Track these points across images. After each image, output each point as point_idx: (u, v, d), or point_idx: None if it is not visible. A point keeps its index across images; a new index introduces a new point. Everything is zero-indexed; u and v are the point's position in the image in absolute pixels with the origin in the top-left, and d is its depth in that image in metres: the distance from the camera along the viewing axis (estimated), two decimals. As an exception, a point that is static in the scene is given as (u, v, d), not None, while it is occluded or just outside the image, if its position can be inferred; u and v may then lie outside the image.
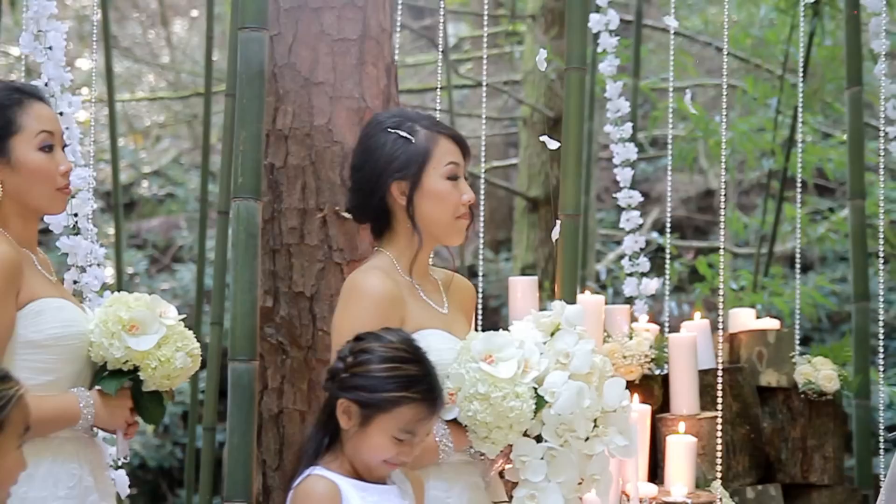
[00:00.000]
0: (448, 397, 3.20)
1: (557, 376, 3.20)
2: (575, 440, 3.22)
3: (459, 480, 3.28)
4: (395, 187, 3.35)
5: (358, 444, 2.98)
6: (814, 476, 4.98)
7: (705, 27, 10.35)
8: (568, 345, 3.25)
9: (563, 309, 3.32)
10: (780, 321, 5.70)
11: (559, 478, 3.22)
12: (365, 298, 3.22)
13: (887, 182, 8.55)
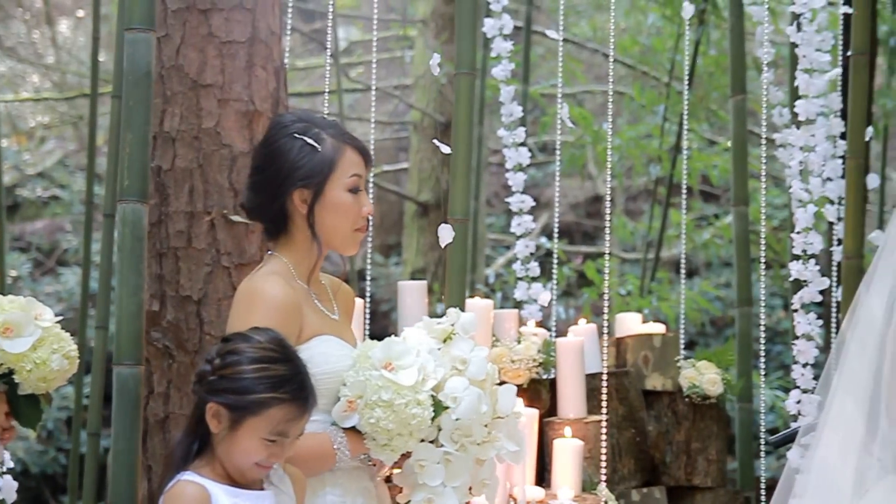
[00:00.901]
0: (347, 405, 3.19)
1: (458, 382, 3.22)
2: (470, 445, 3.24)
3: (353, 486, 3.27)
4: (297, 195, 3.32)
5: (229, 448, 2.94)
6: (697, 478, 5.06)
7: (594, 34, 10.45)
8: (464, 351, 3.27)
9: (457, 316, 3.33)
10: (666, 326, 5.77)
11: (455, 482, 3.23)
12: (265, 305, 3.19)
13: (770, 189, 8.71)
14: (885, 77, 7.95)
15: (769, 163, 5.49)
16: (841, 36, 5.26)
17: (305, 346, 3.23)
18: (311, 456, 3.19)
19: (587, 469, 4.63)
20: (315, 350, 3.23)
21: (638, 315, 5.55)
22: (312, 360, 3.21)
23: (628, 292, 9.02)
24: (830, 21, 5.32)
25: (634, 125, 9.41)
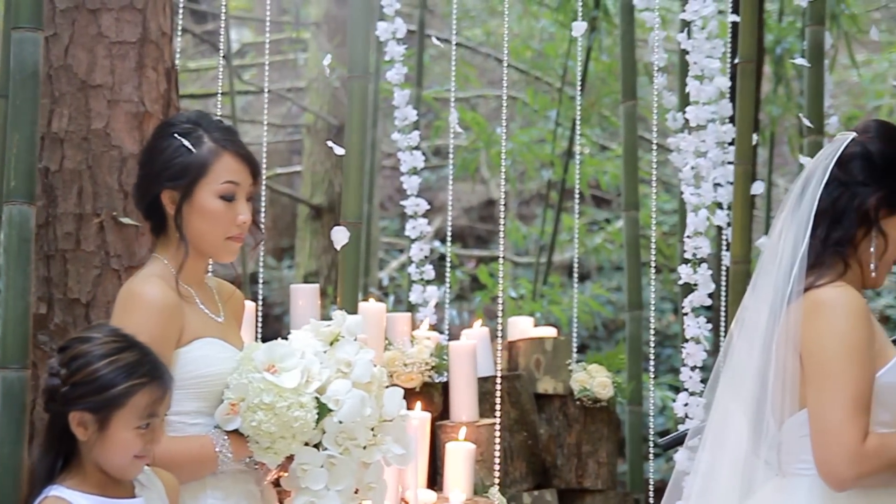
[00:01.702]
0: (230, 408, 3.17)
1: (341, 384, 3.21)
2: (355, 448, 3.23)
3: (236, 489, 3.25)
4: (165, 195, 3.31)
5: (103, 450, 2.90)
6: (588, 481, 5.10)
7: (487, 39, 10.49)
8: (349, 354, 3.26)
9: (343, 319, 3.32)
10: (558, 329, 5.81)
11: (338, 486, 3.22)
12: (145, 307, 3.17)
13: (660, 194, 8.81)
14: (772, 85, 8.10)
15: (660, 168, 5.55)
16: (730, 44, 5.34)
17: (187, 349, 3.21)
18: (192, 459, 3.16)
19: (479, 472, 4.64)
20: (197, 353, 3.21)
21: (530, 319, 5.58)
22: (194, 362, 3.19)
23: (521, 296, 9.07)
24: (720, 29, 5.39)
25: (527, 130, 9.48)
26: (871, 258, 3.12)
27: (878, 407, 3.00)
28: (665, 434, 6.48)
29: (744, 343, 3.18)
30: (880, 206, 3.11)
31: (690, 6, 5.11)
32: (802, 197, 3.17)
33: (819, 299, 3.04)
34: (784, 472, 3.13)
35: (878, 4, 10.00)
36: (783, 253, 3.15)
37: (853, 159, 3.15)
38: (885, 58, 10.27)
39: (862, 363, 2.98)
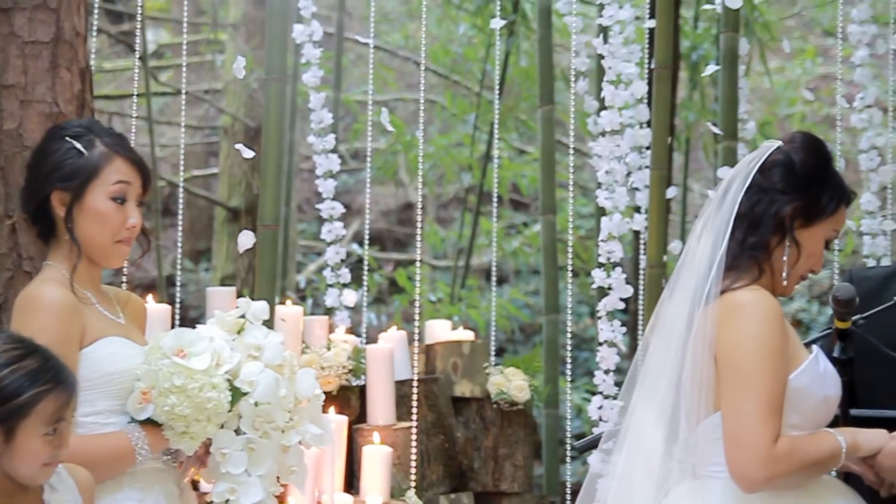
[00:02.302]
0: (141, 396, 3.15)
1: (253, 366, 3.23)
2: (273, 431, 3.23)
3: (154, 488, 3.23)
4: (55, 196, 3.29)
5: (11, 460, 2.85)
6: (504, 484, 5.11)
7: (406, 42, 10.50)
8: (257, 338, 3.27)
9: (248, 305, 3.32)
10: (476, 333, 5.82)
11: (259, 470, 3.22)
12: (45, 309, 3.14)
13: (578, 198, 8.86)
14: (688, 90, 8.18)
15: (577, 172, 5.58)
16: (647, 49, 5.39)
17: (92, 348, 3.19)
18: (109, 456, 3.14)
19: (396, 475, 4.64)
20: (104, 350, 3.20)
21: (448, 322, 5.59)
22: (102, 360, 3.17)
23: (439, 299, 9.07)
24: (637, 35, 5.44)
25: (446, 133, 9.49)
26: (784, 266, 3.16)
27: (789, 410, 3.04)
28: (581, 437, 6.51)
29: (660, 345, 3.20)
30: (796, 216, 3.16)
31: (608, 11, 5.15)
32: (724, 200, 3.21)
33: (734, 302, 3.08)
34: (697, 475, 3.16)
35: (791, 12, 10.15)
36: (702, 255, 3.18)
37: (775, 167, 3.19)
38: (797, 65, 10.41)
39: (775, 366, 3.01)
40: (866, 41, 5.51)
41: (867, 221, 5.44)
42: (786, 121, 9.99)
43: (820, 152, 3.23)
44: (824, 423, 3.14)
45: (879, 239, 5.42)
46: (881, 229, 5.43)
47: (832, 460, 3.07)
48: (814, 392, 3.09)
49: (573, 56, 5.35)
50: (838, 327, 3.43)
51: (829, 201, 3.18)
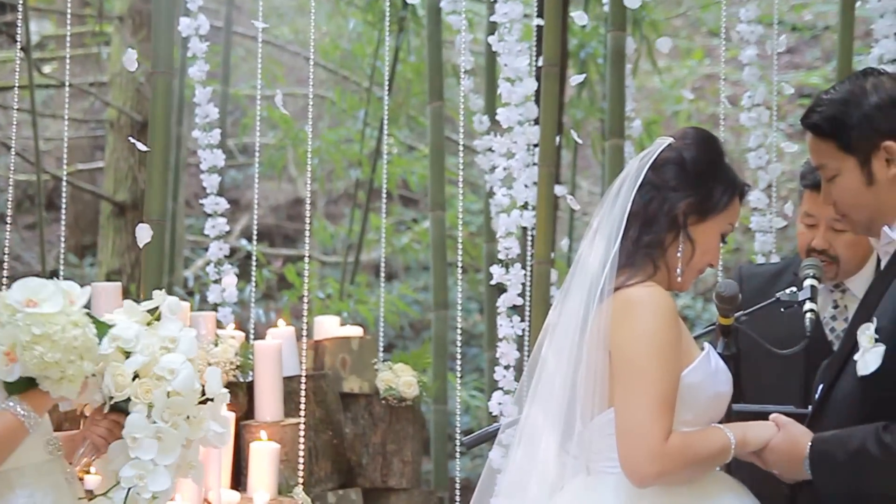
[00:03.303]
0: (6, 358, 3.11)
1: (174, 357, 3.26)
2: (183, 422, 3.23)
3: (42, 482, 3.22)
4: None
5: None
6: (393, 480, 5.11)
7: (295, 37, 10.45)
8: (172, 331, 3.28)
9: (163, 298, 3.32)
10: (365, 329, 5.82)
11: (167, 460, 3.22)
12: None
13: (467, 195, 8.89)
14: (576, 88, 8.24)
15: (466, 169, 5.60)
16: (535, 47, 5.41)
17: None
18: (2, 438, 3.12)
19: (284, 472, 4.62)
20: None
21: (336, 318, 5.58)
22: None
23: (328, 295, 9.05)
24: (525, 32, 5.47)
25: (335, 129, 9.46)
26: (678, 263, 3.18)
27: (681, 406, 3.07)
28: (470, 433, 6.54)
29: (555, 341, 3.21)
30: (690, 213, 3.18)
31: (500, 9, 5.17)
32: (616, 199, 3.22)
33: (629, 298, 3.10)
34: (591, 470, 3.18)
35: (677, 12, 10.28)
36: (596, 253, 3.20)
37: (667, 164, 3.20)
38: (684, 65, 10.55)
39: (668, 363, 3.04)
40: (753, 41, 5.60)
41: (756, 218, 5.53)
42: (672, 119, 10.11)
43: (711, 147, 3.25)
44: (716, 419, 3.18)
45: (768, 236, 5.51)
46: (769, 226, 5.52)
47: (722, 455, 3.11)
48: (706, 388, 3.12)
49: (462, 53, 5.36)
50: (721, 323, 3.48)
51: (721, 196, 3.20)
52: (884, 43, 4.97)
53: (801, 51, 10.89)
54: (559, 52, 5.25)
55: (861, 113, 3.11)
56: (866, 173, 3.13)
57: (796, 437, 3.10)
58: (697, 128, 3.36)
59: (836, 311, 3.92)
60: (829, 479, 3.03)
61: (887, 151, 3.10)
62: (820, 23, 10.65)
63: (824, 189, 3.23)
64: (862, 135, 3.11)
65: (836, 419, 3.08)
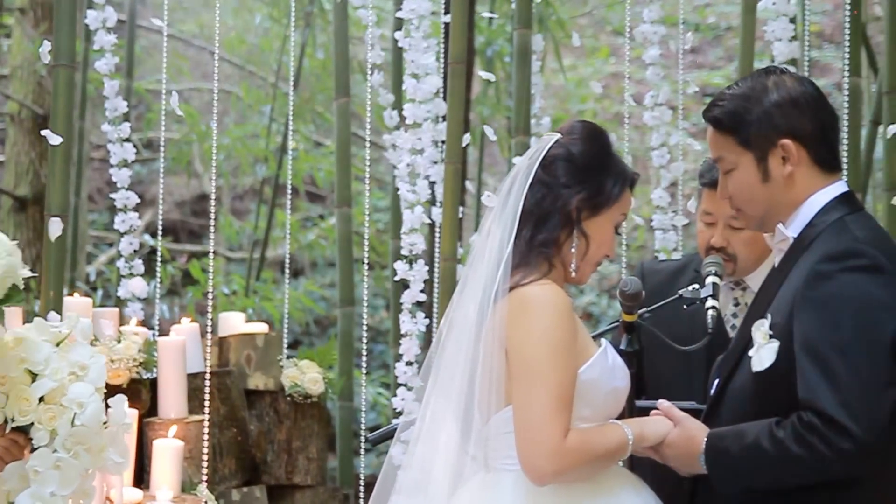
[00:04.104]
0: None
1: (83, 388, 3.14)
2: (84, 453, 3.16)
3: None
4: None
5: None
6: (298, 477, 5.10)
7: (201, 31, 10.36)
8: (83, 357, 3.19)
9: (76, 320, 3.24)
10: (271, 325, 5.79)
11: (66, 490, 3.15)
12: None
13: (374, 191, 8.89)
14: (483, 86, 8.27)
15: (373, 165, 5.59)
16: (442, 44, 5.42)
17: None
18: None
19: (187, 469, 4.59)
20: None
21: (242, 314, 5.55)
22: None
23: (233, 292, 8.99)
24: (433, 29, 5.47)
25: (241, 125, 9.40)
26: (573, 259, 3.20)
27: (579, 403, 3.09)
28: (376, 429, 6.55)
29: (453, 339, 3.22)
30: (582, 208, 3.19)
31: (406, 4, 5.17)
32: (508, 197, 3.23)
33: (524, 297, 3.11)
34: (491, 468, 3.20)
35: (583, 11, 10.35)
36: (490, 252, 3.20)
37: (556, 161, 3.21)
38: (589, 63, 10.63)
39: (564, 360, 3.06)
40: (656, 41, 5.65)
41: (658, 216, 5.58)
42: (577, 117, 10.18)
43: (598, 140, 3.26)
44: (614, 415, 3.21)
45: (670, 234, 5.56)
46: (672, 224, 5.57)
47: (620, 451, 3.14)
48: (603, 385, 3.15)
49: (369, 49, 5.35)
50: (625, 320, 3.51)
51: (613, 187, 3.21)
52: (777, 45, 5.05)
53: (705, 51, 11.02)
54: (466, 49, 5.27)
55: (761, 110, 3.16)
56: (762, 170, 3.17)
57: (692, 433, 3.14)
58: (584, 121, 3.36)
59: (737, 309, 3.97)
60: (723, 473, 3.07)
61: (784, 150, 3.15)
62: (723, 23, 10.80)
63: (721, 182, 3.27)
64: (760, 131, 3.16)
65: (732, 414, 3.12)
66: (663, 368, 3.84)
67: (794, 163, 3.15)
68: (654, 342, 3.55)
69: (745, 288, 3.97)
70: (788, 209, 3.19)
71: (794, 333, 3.00)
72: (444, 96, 5.21)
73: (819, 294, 2.99)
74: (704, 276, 3.70)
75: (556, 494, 3.08)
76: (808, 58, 5.15)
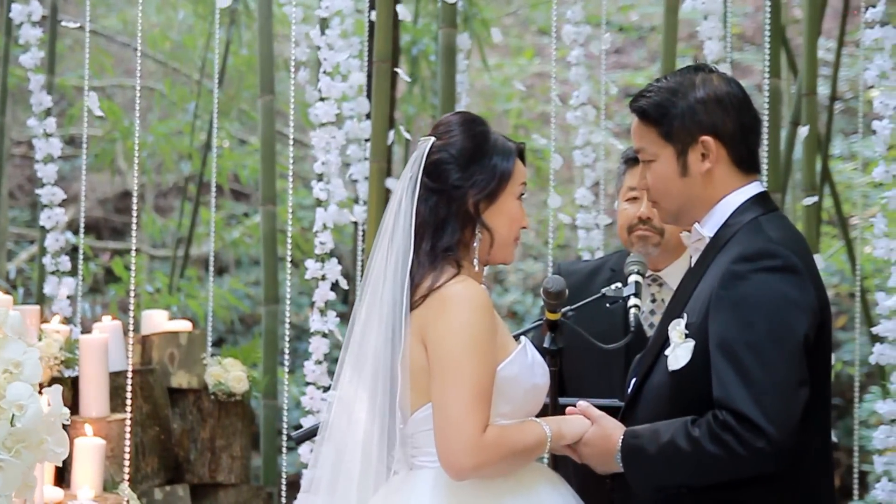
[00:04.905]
0: None
1: (21, 388, 3.08)
2: (25, 450, 3.12)
3: None
4: None
5: None
6: (221, 475, 5.08)
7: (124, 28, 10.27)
8: (16, 353, 3.14)
9: (6, 314, 3.19)
10: (195, 323, 5.77)
11: (9, 489, 3.11)
12: None
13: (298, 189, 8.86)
14: (408, 85, 8.28)
15: (298, 163, 5.59)
16: (367, 42, 5.43)
17: None
18: None
19: (109, 468, 4.56)
20: None
21: (165, 312, 5.52)
22: None
23: (157, 289, 8.92)
24: (357, 27, 5.47)
25: (165, 121, 9.33)
26: (475, 253, 3.21)
27: (499, 399, 3.11)
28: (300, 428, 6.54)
29: (371, 335, 3.22)
30: (479, 201, 3.18)
31: (325, 2, 5.17)
32: (399, 213, 3.20)
33: (443, 295, 3.11)
34: (412, 465, 3.21)
35: (508, 10, 10.40)
36: (396, 262, 3.20)
37: (439, 165, 3.19)
38: (514, 63, 10.67)
39: (484, 356, 3.07)
40: (581, 41, 5.69)
41: (582, 216, 5.63)
42: (503, 116, 10.22)
43: (474, 129, 3.24)
44: (533, 412, 3.23)
45: (594, 233, 5.60)
46: (595, 223, 5.62)
47: (538, 448, 3.16)
48: (523, 381, 3.17)
49: (293, 46, 5.35)
50: (548, 318, 3.53)
51: (502, 168, 3.20)
52: (708, 45, 5.11)
53: (628, 51, 11.10)
54: (391, 48, 5.28)
55: (686, 104, 3.19)
56: (681, 164, 3.21)
57: (609, 431, 3.17)
58: (456, 113, 3.33)
59: (654, 305, 4.02)
60: (639, 472, 3.10)
61: (704, 146, 3.19)
62: (646, 24, 10.88)
63: (640, 172, 3.31)
64: (683, 126, 3.19)
65: (648, 413, 3.16)
66: (586, 366, 3.88)
67: (713, 160, 3.19)
68: (577, 340, 3.57)
69: (662, 284, 4.02)
70: (704, 207, 3.23)
71: (710, 333, 3.03)
72: (369, 94, 5.21)
73: (733, 294, 3.03)
74: (627, 274, 3.74)
75: (475, 490, 3.10)
76: (731, 59, 5.21)
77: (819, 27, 5.63)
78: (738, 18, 9.42)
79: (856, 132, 7.41)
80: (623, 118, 9.44)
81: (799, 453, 2.98)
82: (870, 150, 5.85)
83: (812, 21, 5.44)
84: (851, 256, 6.51)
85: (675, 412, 3.07)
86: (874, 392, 7.35)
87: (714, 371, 3.00)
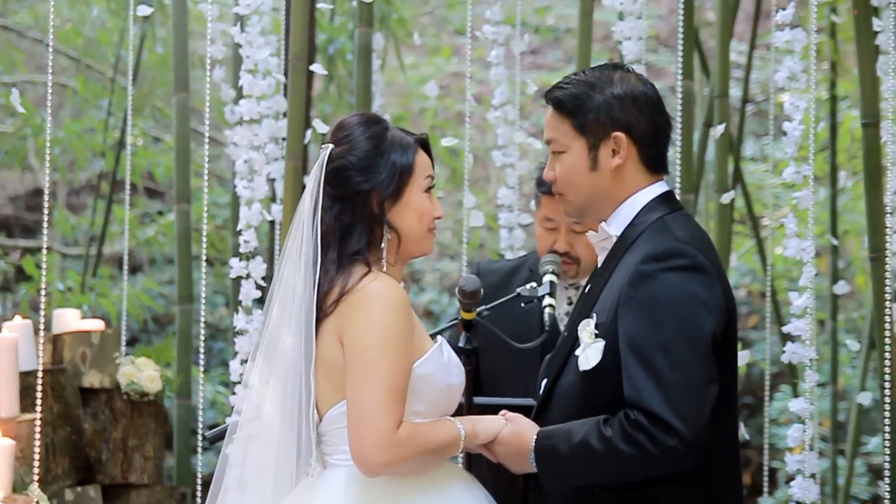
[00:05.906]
0: None
1: None
2: None
3: None
4: None
5: None
6: (133, 476, 5.04)
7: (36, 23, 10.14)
8: None
9: None
10: (107, 322, 5.71)
11: None
12: None
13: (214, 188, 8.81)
14: (324, 83, 8.26)
15: (213, 162, 5.55)
16: (283, 41, 5.40)
17: None
18: None
19: (19, 469, 4.51)
20: None
21: (77, 311, 5.46)
22: None
23: (69, 288, 8.82)
24: (274, 26, 5.45)
25: (78, 118, 9.22)
26: (383, 254, 3.21)
27: (413, 398, 3.12)
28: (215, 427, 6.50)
29: (286, 333, 3.21)
30: (383, 202, 3.19)
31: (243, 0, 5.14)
32: (305, 221, 3.20)
33: (361, 293, 3.12)
34: (325, 464, 3.21)
35: (424, 10, 10.41)
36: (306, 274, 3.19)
37: (339, 173, 3.19)
38: (431, 62, 10.69)
39: (399, 353, 3.08)
40: (500, 41, 5.71)
41: (504, 215, 5.64)
42: (419, 115, 10.23)
43: (370, 130, 3.24)
44: (448, 411, 3.24)
45: (516, 232, 5.62)
46: (517, 222, 5.64)
47: (452, 447, 3.17)
48: (437, 380, 3.18)
49: (209, 44, 5.31)
50: (464, 318, 3.54)
51: (400, 162, 3.21)
52: (626, 45, 5.15)
53: (545, 52, 11.17)
54: (307, 46, 5.26)
55: (602, 99, 3.22)
56: (592, 157, 3.23)
57: (522, 430, 3.19)
58: (355, 114, 3.34)
59: (571, 308, 4.04)
60: (553, 472, 3.12)
61: (616, 142, 3.21)
62: (562, 25, 10.95)
63: (549, 163, 3.32)
64: (597, 119, 3.22)
65: (561, 413, 3.18)
66: (501, 366, 3.89)
67: (623, 157, 3.22)
68: (492, 340, 3.59)
69: (579, 287, 4.04)
70: (610, 203, 3.25)
71: (619, 333, 3.06)
72: (285, 93, 5.19)
73: (642, 294, 3.06)
74: (542, 274, 3.76)
75: (388, 488, 3.11)
76: (645, 61, 5.26)
77: (731, 30, 5.69)
78: (652, 21, 9.50)
79: (767, 134, 7.52)
80: (539, 118, 9.49)
81: (709, 451, 3.02)
82: (780, 152, 5.93)
83: (725, 24, 5.50)
84: (762, 256, 6.60)
85: (586, 412, 3.09)
86: (784, 391, 7.46)
87: (625, 371, 3.03)
